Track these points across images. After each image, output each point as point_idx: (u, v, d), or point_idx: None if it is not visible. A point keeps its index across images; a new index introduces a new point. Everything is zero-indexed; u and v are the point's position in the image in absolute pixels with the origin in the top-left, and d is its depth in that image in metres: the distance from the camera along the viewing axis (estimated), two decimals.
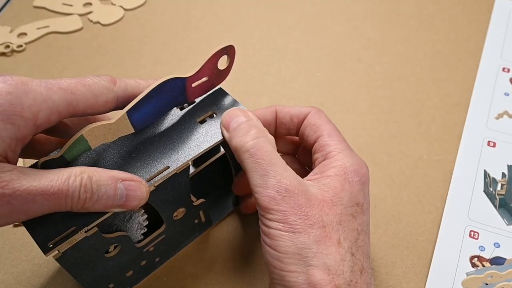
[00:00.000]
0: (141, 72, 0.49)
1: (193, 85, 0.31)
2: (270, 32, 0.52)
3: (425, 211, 0.39)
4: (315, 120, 0.32)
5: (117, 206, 0.27)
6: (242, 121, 0.29)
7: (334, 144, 0.30)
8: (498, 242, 0.37)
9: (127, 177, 0.27)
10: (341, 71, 0.48)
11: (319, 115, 0.32)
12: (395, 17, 0.53)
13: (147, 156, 0.29)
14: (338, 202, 0.28)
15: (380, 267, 0.36)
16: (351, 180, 0.29)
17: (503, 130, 0.44)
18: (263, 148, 0.28)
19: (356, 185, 0.29)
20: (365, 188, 0.30)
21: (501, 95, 0.46)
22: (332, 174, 0.29)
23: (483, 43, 0.50)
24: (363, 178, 0.29)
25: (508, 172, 0.41)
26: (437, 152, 0.42)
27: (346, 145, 0.31)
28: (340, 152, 0.30)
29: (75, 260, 0.28)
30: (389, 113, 0.45)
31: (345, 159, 0.29)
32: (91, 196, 0.25)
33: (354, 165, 0.29)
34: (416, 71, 0.48)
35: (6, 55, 0.50)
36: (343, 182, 0.28)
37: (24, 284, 0.36)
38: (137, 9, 0.55)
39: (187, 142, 0.30)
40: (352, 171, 0.29)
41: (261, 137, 0.28)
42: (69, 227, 0.26)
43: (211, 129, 0.31)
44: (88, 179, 0.25)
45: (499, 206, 0.39)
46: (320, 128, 0.31)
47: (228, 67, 0.32)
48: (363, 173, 0.30)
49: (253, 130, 0.29)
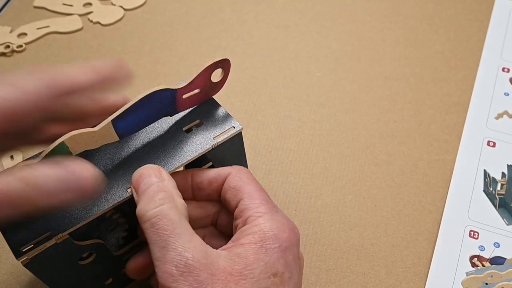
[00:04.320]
0: (141, 72, 0.49)
1: (184, 97, 0.30)
2: (270, 32, 0.52)
3: (425, 211, 0.39)
4: (235, 183, 0.29)
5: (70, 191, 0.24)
6: (151, 183, 0.26)
7: (255, 208, 0.27)
8: (498, 242, 0.37)
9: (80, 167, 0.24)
10: (341, 71, 0.48)
11: (240, 175, 0.29)
12: (395, 17, 0.53)
13: (130, 164, 0.29)
14: (249, 275, 0.24)
15: (380, 267, 0.36)
16: (268, 248, 0.25)
17: (503, 130, 0.44)
18: (167, 217, 0.25)
19: (274, 252, 0.25)
20: (286, 255, 0.26)
21: (501, 95, 0.46)
22: (247, 242, 0.26)
23: (483, 43, 0.50)
24: (284, 243, 0.26)
25: (508, 172, 0.41)
26: (437, 152, 0.42)
27: (268, 207, 0.27)
28: (260, 216, 0.27)
29: (46, 266, 0.27)
30: (389, 113, 0.45)
31: (264, 224, 0.26)
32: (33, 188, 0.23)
33: (273, 230, 0.26)
34: (416, 71, 0.48)
35: (6, 55, 0.50)
36: (257, 250, 0.25)
37: (24, 284, 0.36)
38: (137, 9, 0.55)
39: (172, 152, 0.29)
40: (270, 236, 0.26)
41: (166, 204, 0.25)
42: (44, 232, 0.26)
43: (197, 139, 0.30)
44: (27, 171, 0.23)
45: (499, 206, 0.39)
46: (240, 191, 0.28)
47: (222, 80, 0.31)
48: (285, 238, 0.26)
49: (160, 195, 0.26)
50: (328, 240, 0.38)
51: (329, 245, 0.37)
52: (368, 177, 0.41)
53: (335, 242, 0.38)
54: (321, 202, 0.40)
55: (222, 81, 0.32)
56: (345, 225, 0.38)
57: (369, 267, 0.36)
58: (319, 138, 0.44)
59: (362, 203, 0.40)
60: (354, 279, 0.36)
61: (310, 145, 0.43)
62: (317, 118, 0.45)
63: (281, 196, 0.40)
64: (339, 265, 0.36)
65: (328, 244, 0.37)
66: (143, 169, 0.27)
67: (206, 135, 0.30)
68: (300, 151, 0.43)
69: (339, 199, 0.40)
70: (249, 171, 0.30)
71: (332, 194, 0.40)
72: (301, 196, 0.40)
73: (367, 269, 0.36)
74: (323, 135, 0.44)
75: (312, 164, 0.42)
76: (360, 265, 0.36)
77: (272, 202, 0.28)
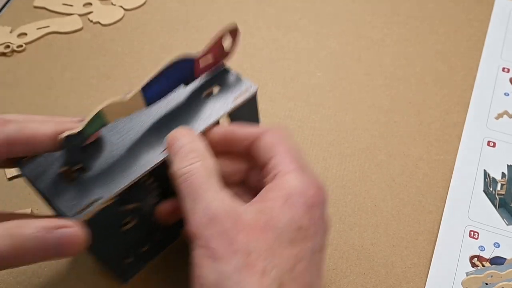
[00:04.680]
0: (141, 72, 0.49)
1: (201, 65, 0.32)
2: (270, 32, 0.52)
3: (425, 211, 0.39)
4: (269, 139, 0.29)
5: (53, 256, 0.25)
6: (182, 144, 0.28)
7: (285, 164, 0.27)
8: (498, 242, 0.37)
9: (59, 225, 0.25)
10: (341, 71, 0.48)
11: (276, 133, 0.29)
12: (395, 17, 0.53)
13: (160, 130, 0.31)
14: (272, 227, 0.25)
15: (380, 267, 0.36)
16: (293, 202, 0.26)
17: (503, 130, 0.44)
18: (197, 173, 0.26)
19: (300, 207, 0.26)
20: (313, 211, 0.26)
21: (501, 95, 0.46)
22: (273, 196, 0.26)
23: (483, 43, 0.50)
24: (310, 199, 0.26)
25: (508, 172, 0.41)
26: (437, 152, 0.42)
27: (299, 164, 0.28)
28: (289, 172, 0.27)
29: (92, 232, 0.28)
30: (389, 113, 0.45)
31: (292, 180, 0.27)
32: (14, 252, 0.23)
33: (301, 186, 0.26)
34: (416, 71, 0.48)
35: (6, 55, 0.50)
36: (283, 204, 0.26)
37: (24, 284, 0.36)
38: (137, 9, 0.55)
39: (196, 116, 0.31)
40: (297, 192, 0.26)
41: (197, 162, 0.27)
42: (92, 197, 0.27)
43: (217, 102, 0.32)
44: (8, 237, 0.23)
45: (499, 206, 0.39)
46: (273, 149, 0.29)
47: (232, 46, 0.33)
48: (311, 194, 0.27)
49: (191, 154, 0.27)
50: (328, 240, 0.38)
51: (329, 245, 0.37)
52: (368, 177, 0.41)
53: (335, 242, 0.38)
54: None
55: (233, 47, 0.33)
56: (345, 225, 0.38)
57: (369, 267, 0.36)
58: (319, 138, 0.44)
59: (362, 203, 0.40)
60: (354, 279, 0.36)
61: (310, 145, 0.43)
62: (317, 118, 0.45)
63: None
64: (339, 265, 0.36)
65: (328, 244, 0.37)
66: (176, 132, 0.29)
67: (226, 98, 0.32)
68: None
69: (339, 199, 0.40)
70: (286, 130, 0.30)
71: (332, 194, 0.40)
72: None
73: (367, 269, 0.36)
74: (323, 135, 0.44)
75: (312, 164, 0.42)
76: (360, 265, 0.36)
77: (303, 161, 0.28)
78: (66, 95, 0.47)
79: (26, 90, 0.48)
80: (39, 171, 0.29)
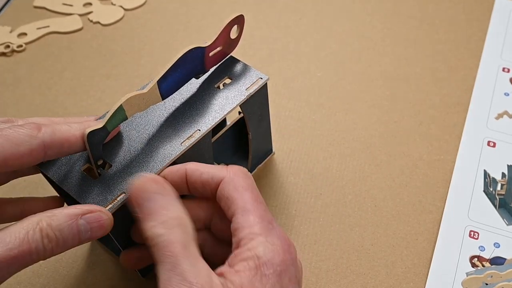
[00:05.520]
0: (141, 72, 0.49)
1: (210, 54, 0.33)
2: (270, 32, 0.52)
3: (425, 211, 0.39)
4: (228, 192, 0.27)
5: (86, 240, 0.26)
6: (152, 198, 0.26)
7: (248, 227, 0.26)
8: (498, 242, 0.37)
9: (85, 210, 0.26)
10: (341, 71, 0.48)
11: (234, 183, 0.27)
12: (395, 17, 0.53)
13: (177, 123, 0.32)
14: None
15: (380, 267, 0.36)
16: (263, 274, 0.25)
17: (503, 130, 0.44)
18: (175, 241, 0.25)
19: (269, 279, 0.25)
20: (282, 279, 0.25)
21: (501, 95, 0.46)
22: (241, 269, 0.25)
23: (483, 43, 0.50)
24: (279, 267, 0.25)
25: (508, 172, 0.41)
26: (437, 152, 0.42)
27: (263, 225, 0.26)
28: (254, 238, 0.26)
29: (116, 225, 0.28)
30: (389, 113, 0.45)
31: (258, 248, 0.25)
32: (56, 243, 0.24)
33: (268, 254, 0.25)
34: (416, 71, 0.48)
35: (6, 55, 0.50)
36: (252, 279, 0.24)
37: (24, 284, 0.36)
38: (137, 9, 0.55)
39: (211, 107, 0.32)
40: (265, 262, 0.25)
41: (175, 227, 0.25)
42: (117, 192, 0.28)
43: (230, 93, 0.33)
44: (48, 227, 0.24)
45: (499, 206, 0.39)
46: (233, 203, 0.27)
47: (238, 36, 0.34)
48: (279, 262, 0.25)
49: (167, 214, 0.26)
50: (328, 240, 0.38)
51: (329, 245, 0.37)
52: (368, 177, 0.41)
53: (335, 242, 0.38)
54: (321, 202, 0.40)
55: (238, 36, 0.34)
56: (345, 225, 0.38)
57: (369, 267, 0.36)
58: (319, 138, 0.44)
59: (362, 203, 0.40)
60: (354, 279, 0.36)
61: (310, 145, 0.43)
62: (317, 118, 0.45)
63: (281, 196, 0.40)
64: (339, 265, 0.36)
65: (328, 244, 0.37)
66: (140, 184, 0.27)
67: (238, 88, 0.33)
68: (300, 151, 0.43)
69: (339, 199, 0.40)
70: (246, 173, 0.29)
71: (332, 194, 0.40)
72: (301, 196, 0.40)
73: (367, 269, 0.36)
74: (323, 135, 0.44)
75: (312, 164, 0.42)
76: (360, 265, 0.36)
77: (268, 216, 0.27)
78: (66, 95, 0.47)
79: (26, 90, 0.48)
80: (63, 172, 0.29)
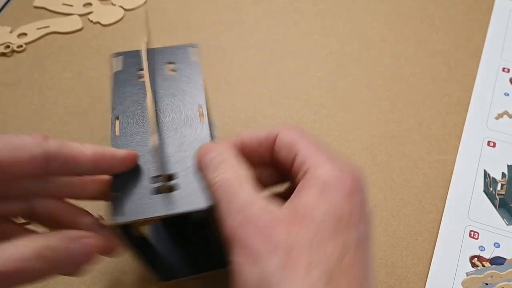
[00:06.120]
0: None
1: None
2: (270, 32, 0.52)
3: (425, 211, 0.39)
4: (287, 138, 0.28)
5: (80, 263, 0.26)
6: (212, 157, 0.28)
7: (312, 158, 0.26)
8: (498, 242, 0.37)
9: (82, 235, 0.26)
10: (341, 71, 0.48)
11: (290, 131, 0.28)
12: (395, 17, 0.53)
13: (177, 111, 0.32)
14: (311, 220, 0.24)
15: (380, 267, 0.36)
16: (330, 193, 0.25)
17: (503, 130, 0.44)
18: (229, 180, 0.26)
19: (337, 196, 0.25)
20: (351, 198, 0.25)
21: (501, 95, 0.46)
22: (308, 192, 0.25)
23: (483, 43, 0.50)
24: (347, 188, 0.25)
25: (508, 172, 0.41)
26: (437, 152, 0.42)
27: (326, 155, 0.27)
28: (319, 166, 0.26)
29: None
30: (389, 113, 0.45)
31: (325, 172, 0.25)
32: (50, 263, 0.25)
33: (335, 176, 0.25)
34: (416, 71, 0.48)
35: (6, 55, 0.50)
36: (319, 197, 0.25)
37: None
38: (137, 9, 0.55)
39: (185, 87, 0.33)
40: (332, 183, 0.25)
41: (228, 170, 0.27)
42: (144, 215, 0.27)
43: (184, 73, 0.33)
44: (43, 248, 0.24)
45: (499, 206, 0.39)
46: (295, 146, 0.28)
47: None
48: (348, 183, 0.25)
49: (222, 165, 0.27)
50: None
51: None
52: (368, 177, 0.41)
53: None
54: None
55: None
56: None
57: None
58: (319, 138, 0.43)
59: None
60: None
61: None
62: (317, 118, 0.45)
63: None
64: None
65: None
66: (204, 147, 0.29)
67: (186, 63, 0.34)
68: None
69: None
70: (298, 126, 0.30)
71: None
72: None
73: None
74: (323, 135, 0.44)
75: None
76: None
77: (329, 150, 0.27)
78: (66, 95, 0.47)
79: (26, 90, 0.48)
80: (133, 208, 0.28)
